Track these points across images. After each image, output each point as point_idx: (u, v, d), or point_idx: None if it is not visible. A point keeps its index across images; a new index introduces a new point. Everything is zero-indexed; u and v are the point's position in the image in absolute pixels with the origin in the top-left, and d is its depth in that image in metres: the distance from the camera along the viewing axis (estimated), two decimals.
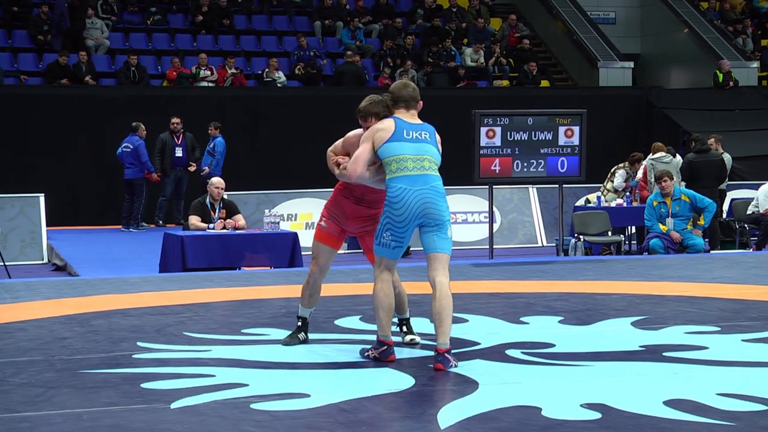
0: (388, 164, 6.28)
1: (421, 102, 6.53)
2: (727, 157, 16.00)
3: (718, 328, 7.47)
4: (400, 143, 6.29)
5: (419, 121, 6.46)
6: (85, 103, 19.31)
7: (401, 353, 6.61)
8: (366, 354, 6.41)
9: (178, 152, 18.26)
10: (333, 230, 6.80)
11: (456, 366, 6.11)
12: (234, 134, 18.79)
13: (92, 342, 7.20)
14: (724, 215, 15.96)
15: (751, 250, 14.79)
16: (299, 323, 6.97)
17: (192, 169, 18.29)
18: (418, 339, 6.94)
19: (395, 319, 6.80)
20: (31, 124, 18.95)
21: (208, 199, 12.22)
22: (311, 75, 21.59)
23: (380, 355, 6.29)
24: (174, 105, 19.40)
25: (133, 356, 6.65)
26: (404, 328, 6.99)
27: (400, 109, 6.44)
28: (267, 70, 21.30)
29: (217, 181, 12.34)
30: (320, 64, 22.03)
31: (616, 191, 15.45)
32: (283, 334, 7.40)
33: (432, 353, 6.54)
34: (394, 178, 6.24)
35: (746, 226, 15.36)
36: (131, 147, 17.71)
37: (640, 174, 15.25)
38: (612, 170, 15.75)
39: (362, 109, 6.58)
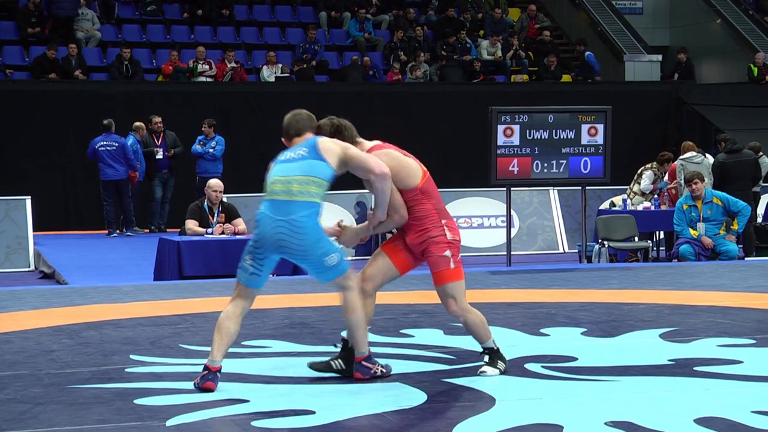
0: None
1: (310, 131, 6.24)
2: (764, 160, 15.95)
3: (754, 341, 7.45)
4: (275, 166, 6.25)
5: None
6: (75, 99, 19.36)
7: (409, 367, 6.61)
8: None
9: (159, 154, 18.21)
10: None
11: (383, 372, 6.24)
12: (234, 132, 18.81)
13: (82, 355, 7.21)
14: (760, 219, 15.92)
15: None
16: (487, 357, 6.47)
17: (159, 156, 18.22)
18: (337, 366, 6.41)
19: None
20: (17, 122, 19.00)
21: (206, 203, 12.23)
22: (302, 71, 21.48)
23: (200, 381, 6.02)
24: (170, 101, 19.43)
25: (126, 370, 6.66)
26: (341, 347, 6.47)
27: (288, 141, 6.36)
28: (266, 66, 21.30)
29: (215, 183, 12.34)
30: (317, 59, 21.97)
31: (643, 194, 15.42)
32: (285, 346, 7.44)
33: (445, 366, 6.54)
34: (263, 200, 6.19)
35: None
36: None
37: (667, 177, 15.22)
38: (639, 171, 15.73)
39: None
